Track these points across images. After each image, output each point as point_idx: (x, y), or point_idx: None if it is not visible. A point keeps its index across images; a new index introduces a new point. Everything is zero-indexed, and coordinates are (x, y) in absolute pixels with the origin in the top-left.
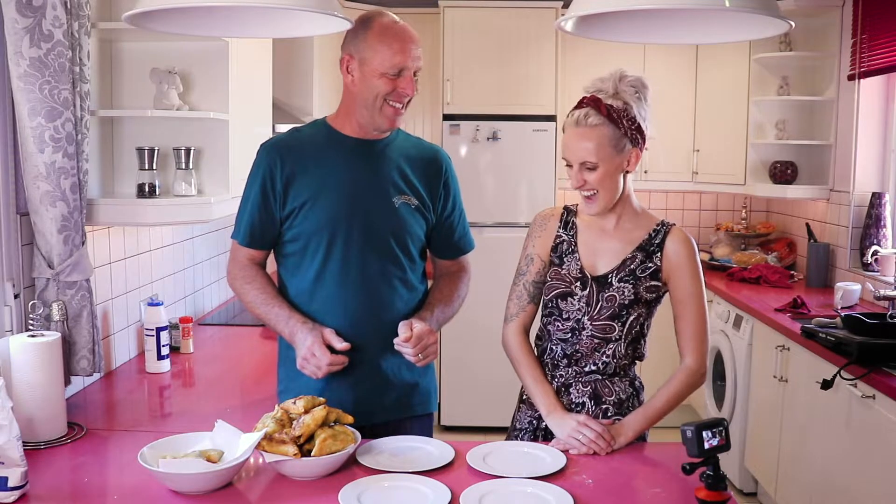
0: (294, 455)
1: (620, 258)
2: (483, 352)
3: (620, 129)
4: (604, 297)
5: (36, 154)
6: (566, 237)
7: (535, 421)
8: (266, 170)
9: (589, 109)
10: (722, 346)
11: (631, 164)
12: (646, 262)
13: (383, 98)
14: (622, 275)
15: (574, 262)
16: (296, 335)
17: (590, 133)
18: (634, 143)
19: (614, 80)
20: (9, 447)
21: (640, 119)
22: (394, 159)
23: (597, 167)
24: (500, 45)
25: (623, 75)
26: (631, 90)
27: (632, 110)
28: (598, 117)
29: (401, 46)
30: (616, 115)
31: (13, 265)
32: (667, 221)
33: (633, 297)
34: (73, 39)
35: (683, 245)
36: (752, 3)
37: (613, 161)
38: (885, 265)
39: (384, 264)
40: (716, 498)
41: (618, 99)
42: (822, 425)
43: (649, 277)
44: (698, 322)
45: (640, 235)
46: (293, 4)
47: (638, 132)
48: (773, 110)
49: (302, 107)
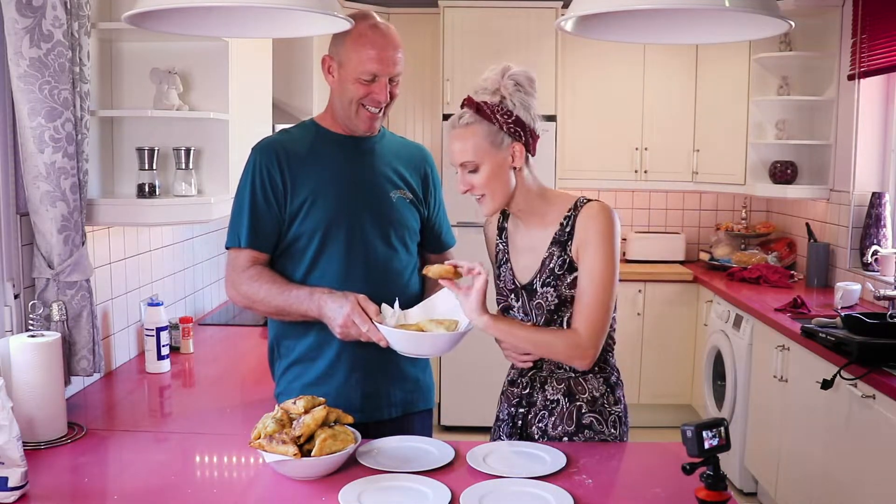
0: (294, 455)
1: (540, 259)
2: (482, 352)
3: (495, 123)
4: (534, 304)
5: (36, 154)
6: (501, 245)
7: (513, 409)
8: (263, 171)
9: (465, 110)
10: (722, 346)
11: (516, 158)
12: (561, 256)
13: (358, 102)
14: (544, 277)
15: (507, 272)
16: (325, 307)
17: (464, 133)
18: (515, 136)
19: (497, 76)
20: (9, 447)
21: (522, 111)
22: (385, 156)
23: (478, 167)
24: (500, 45)
25: (507, 69)
26: (510, 83)
27: (507, 104)
28: (471, 115)
29: (376, 53)
30: (489, 111)
31: (13, 265)
32: (581, 200)
33: (557, 300)
34: (73, 39)
35: (589, 220)
36: (752, 3)
37: (494, 158)
38: (885, 265)
39: (386, 258)
40: (716, 498)
41: (496, 94)
42: (822, 425)
43: (567, 272)
44: (595, 307)
45: (553, 228)
46: (293, 4)
47: (517, 125)
48: (773, 110)
49: (302, 107)
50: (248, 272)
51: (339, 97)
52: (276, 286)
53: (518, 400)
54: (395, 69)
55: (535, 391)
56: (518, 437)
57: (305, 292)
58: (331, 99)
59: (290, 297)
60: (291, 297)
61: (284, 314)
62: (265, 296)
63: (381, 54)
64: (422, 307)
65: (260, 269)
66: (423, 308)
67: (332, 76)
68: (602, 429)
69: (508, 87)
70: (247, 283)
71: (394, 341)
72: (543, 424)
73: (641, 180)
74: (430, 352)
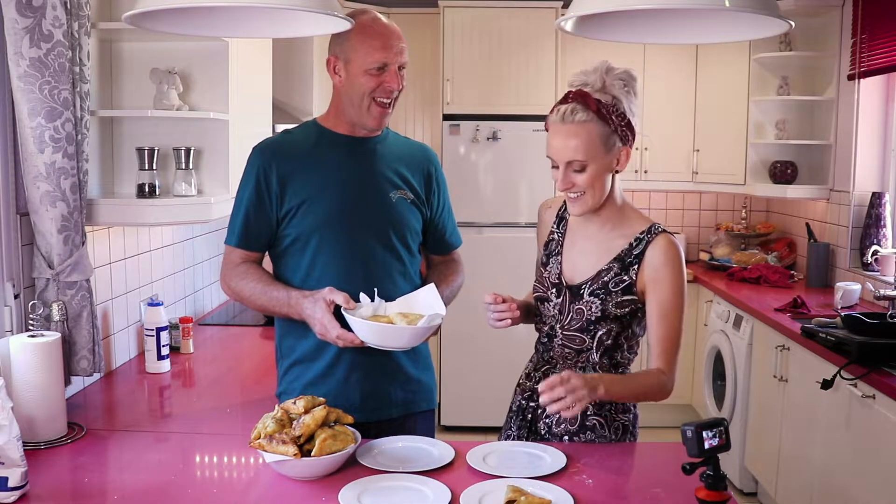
0: (294, 455)
1: (596, 269)
2: (483, 352)
3: (610, 125)
4: (574, 308)
5: (36, 154)
6: (556, 235)
7: (524, 402)
8: (260, 171)
9: (575, 105)
10: (722, 346)
11: (621, 162)
12: (620, 275)
13: (370, 96)
14: (594, 287)
15: (556, 265)
16: (303, 312)
17: (577, 130)
18: (624, 140)
19: (601, 73)
20: (9, 447)
21: (630, 114)
22: (387, 156)
23: (585, 167)
24: (500, 45)
25: (610, 68)
26: (619, 83)
27: (621, 105)
28: (586, 113)
29: (381, 43)
30: (606, 111)
31: (13, 265)
32: (655, 228)
33: (600, 313)
34: (73, 39)
35: (664, 255)
36: (752, 3)
37: (603, 160)
38: (885, 265)
39: (385, 259)
40: (716, 498)
41: (606, 93)
42: (822, 425)
43: (622, 292)
44: (671, 339)
45: (620, 244)
46: (293, 4)
47: (628, 128)
48: (773, 110)
49: (302, 107)
50: (238, 269)
51: (349, 94)
52: (260, 285)
53: (529, 394)
54: (402, 57)
55: None
56: (527, 430)
57: (283, 296)
58: (335, 99)
59: (272, 300)
60: (273, 299)
61: (271, 313)
62: (250, 294)
63: (388, 42)
64: (403, 301)
65: (248, 268)
66: (404, 302)
67: (339, 76)
68: (604, 433)
69: (618, 87)
70: (235, 280)
71: (358, 331)
72: (550, 420)
73: (641, 180)
74: (394, 343)
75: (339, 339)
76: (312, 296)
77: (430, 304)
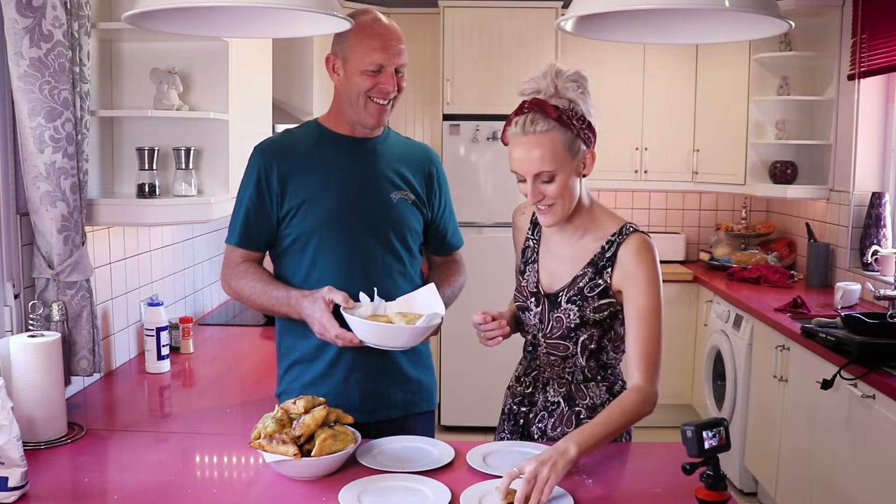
0: (294, 455)
1: (572, 275)
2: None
3: (572, 130)
4: (553, 316)
5: (36, 154)
6: (532, 242)
7: (515, 406)
8: (260, 171)
9: (534, 114)
10: (722, 346)
11: (587, 166)
12: (595, 279)
13: (366, 95)
14: (571, 294)
15: (533, 273)
16: (303, 311)
17: (541, 140)
18: (587, 143)
19: (552, 78)
20: (9, 447)
21: (589, 115)
22: (388, 156)
23: (554, 177)
24: (500, 45)
25: (559, 70)
26: (573, 85)
27: (579, 108)
28: (546, 122)
29: (379, 44)
30: (566, 117)
31: (13, 265)
32: (627, 228)
33: (578, 320)
34: (73, 39)
35: (636, 255)
36: (752, 3)
37: (570, 167)
38: (885, 265)
39: (385, 259)
40: (716, 498)
41: (561, 98)
42: (822, 425)
43: (598, 297)
44: (649, 342)
45: (593, 248)
46: (294, 4)
47: (590, 130)
48: (773, 110)
49: (302, 107)
50: (239, 268)
51: (347, 93)
52: (260, 285)
53: (520, 399)
54: (400, 59)
55: (537, 391)
56: (519, 435)
57: (283, 295)
58: (335, 98)
59: (272, 299)
60: (272, 298)
61: (271, 313)
62: (250, 293)
63: (386, 44)
64: (402, 300)
65: (248, 267)
66: (404, 301)
67: (338, 74)
68: None
69: (572, 89)
70: (235, 279)
71: (356, 330)
72: (543, 425)
73: (641, 180)
74: (392, 343)
75: (338, 338)
76: (312, 295)
77: (429, 304)
